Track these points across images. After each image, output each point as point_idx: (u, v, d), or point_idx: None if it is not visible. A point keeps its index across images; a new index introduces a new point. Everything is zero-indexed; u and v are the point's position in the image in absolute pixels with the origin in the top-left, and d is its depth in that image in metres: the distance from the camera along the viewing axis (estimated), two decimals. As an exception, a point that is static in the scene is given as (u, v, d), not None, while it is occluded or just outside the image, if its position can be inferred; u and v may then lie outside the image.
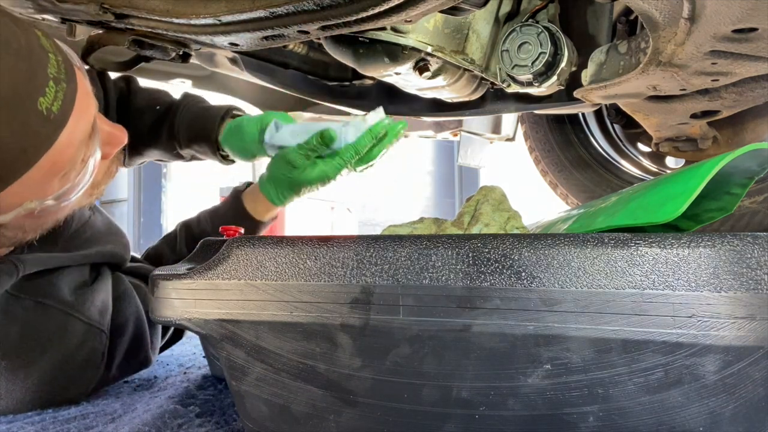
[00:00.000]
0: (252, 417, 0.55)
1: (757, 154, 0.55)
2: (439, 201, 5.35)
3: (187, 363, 1.01)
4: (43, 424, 0.68)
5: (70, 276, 0.79)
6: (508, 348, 0.47)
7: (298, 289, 0.52)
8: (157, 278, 0.57)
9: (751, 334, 0.42)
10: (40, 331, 0.73)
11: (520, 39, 0.91)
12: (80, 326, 0.76)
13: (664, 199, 0.53)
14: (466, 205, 0.72)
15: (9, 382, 0.72)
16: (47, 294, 0.75)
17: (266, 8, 0.72)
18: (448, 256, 0.48)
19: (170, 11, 0.78)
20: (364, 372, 0.51)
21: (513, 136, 1.70)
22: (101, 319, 0.79)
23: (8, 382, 0.71)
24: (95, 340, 0.77)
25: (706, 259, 0.43)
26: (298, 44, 1.14)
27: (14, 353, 0.71)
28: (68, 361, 0.75)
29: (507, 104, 1.20)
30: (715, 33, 0.67)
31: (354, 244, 0.51)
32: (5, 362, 0.71)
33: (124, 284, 0.86)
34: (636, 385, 0.45)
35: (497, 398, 0.48)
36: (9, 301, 0.72)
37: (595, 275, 0.45)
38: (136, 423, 0.65)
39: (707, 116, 1.03)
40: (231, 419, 0.68)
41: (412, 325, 0.49)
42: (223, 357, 0.55)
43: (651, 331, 0.43)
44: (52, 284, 0.76)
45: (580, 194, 1.58)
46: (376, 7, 0.68)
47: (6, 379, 0.71)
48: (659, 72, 0.79)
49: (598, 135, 1.56)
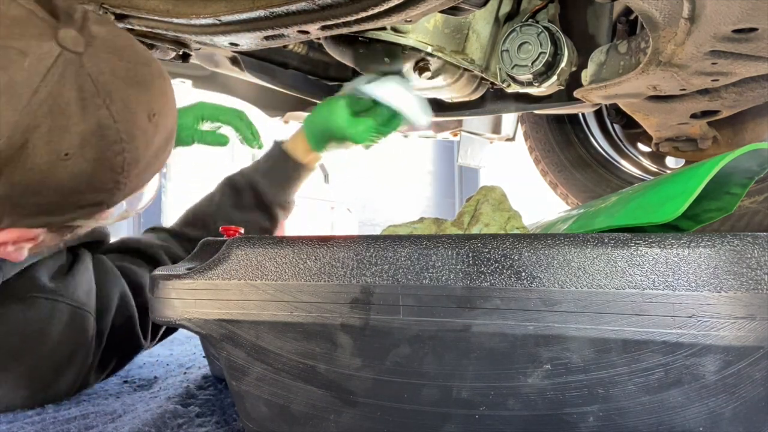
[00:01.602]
0: (252, 417, 0.55)
1: (757, 154, 0.55)
2: (439, 201, 5.35)
3: (187, 363, 1.00)
4: (43, 424, 0.68)
5: (47, 265, 0.78)
6: (508, 348, 0.47)
7: (298, 289, 0.52)
8: (157, 278, 0.57)
9: (751, 334, 0.42)
10: (28, 322, 0.74)
11: (520, 39, 0.91)
12: (66, 309, 0.76)
13: (664, 199, 0.53)
14: (466, 205, 0.72)
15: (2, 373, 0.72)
16: (30, 288, 0.75)
17: (266, 8, 0.72)
18: (448, 256, 0.48)
19: (170, 11, 0.78)
20: (364, 372, 0.51)
21: (513, 136, 1.70)
22: (87, 300, 0.79)
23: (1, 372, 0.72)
24: (84, 322, 0.77)
25: (706, 259, 0.43)
26: (298, 44, 1.14)
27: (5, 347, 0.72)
28: (59, 347, 0.75)
29: (507, 104, 1.20)
30: (715, 33, 0.67)
31: (354, 244, 0.51)
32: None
33: (105, 264, 0.85)
34: (636, 385, 0.45)
35: (497, 398, 0.48)
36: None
37: (595, 275, 0.45)
38: (136, 423, 0.65)
39: (707, 116, 1.03)
40: (231, 419, 0.68)
41: (412, 325, 0.49)
42: (223, 357, 0.55)
43: (651, 331, 0.43)
44: (32, 277, 0.76)
45: (580, 194, 1.57)
46: (376, 7, 0.68)
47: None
48: (659, 72, 0.79)
49: (598, 135, 1.56)
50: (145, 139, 0.64)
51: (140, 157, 0.64)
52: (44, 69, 0.56)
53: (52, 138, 0.57)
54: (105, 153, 0.61)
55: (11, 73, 0.55)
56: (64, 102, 0.57)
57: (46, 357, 0.75)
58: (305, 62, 1.18)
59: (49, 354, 0.75)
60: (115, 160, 0.62)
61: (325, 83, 1.22)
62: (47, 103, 0.56)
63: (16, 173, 0.57)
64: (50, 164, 0.58)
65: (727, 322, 0.42)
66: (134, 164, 0.64)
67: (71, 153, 0.58)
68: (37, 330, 0.74)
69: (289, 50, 1.14)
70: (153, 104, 0.64)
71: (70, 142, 0.58)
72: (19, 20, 0.57)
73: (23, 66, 0.56)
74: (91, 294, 0.80)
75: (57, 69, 0.57)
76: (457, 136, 1.71)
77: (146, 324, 0.87)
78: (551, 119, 1.61)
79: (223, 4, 0.75)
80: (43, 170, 0.58)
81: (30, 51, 0.56)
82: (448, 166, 5.31)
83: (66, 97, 0.57)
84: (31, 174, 0.58)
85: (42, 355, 0.74)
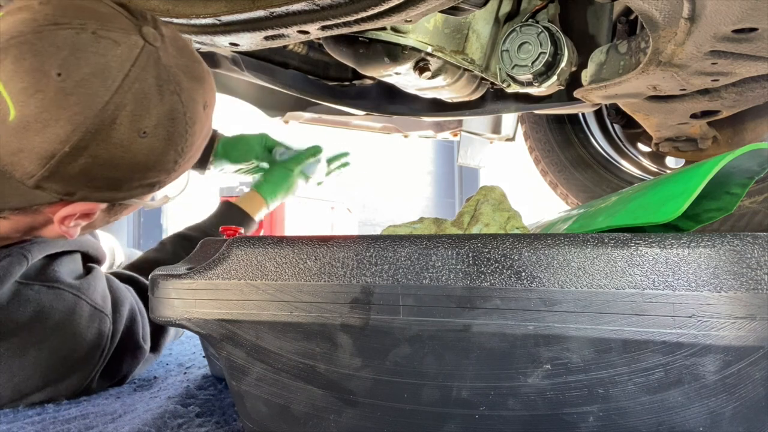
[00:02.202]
0: (252, 417, 0.55)
1: (757, 154, 0.55)
2: (439, 201, 5.35)
3: (187, 363, 1.00)
4: (43, 424, 0.68)
5: (66, 264, 0.81)
6: (508, 348, 0.47)
7: (298, 289, 0.52)
8: (157, 278, 0.57)
9: (751, 334, 0.42)
10: (52, 311, 0.76)
11: (520, 39, 0.91)
12: (87, 309, 0.78)
13: (665, 199, 0.53)
14: (466, 205, 0.72)
15: (21, 359, 0.73)
16: (56, 278, 0.78)
17: (266, 8, 0.72)
18: (448, 256, 0.48)
19: (170, 11, 0.78)
20: (364, 372, 0.51)
21: (513, 136, 1.70)
22: (104, 304, 0.81)
23: (20, 359, 0.73)
24: (101, 324, 0.80)
25: (706, 259, 0.43)
26: (298, 44, 1.14)
27: (26, 332, 0.74)
28: (76, 341, 0.77)
29: (507, 104, 1.20)
30: (715, 33, 0.67)
31: (354, 244, 0.51)
32: (18, 340, 0.73)
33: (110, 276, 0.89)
34: (636, 385, 0.45)
35: (497, 398, 0.48)
36: (19, 287, 0.75)
37: (595, 275, 0.45)
38: (137, 423, 0.65)
39: (707, 116, 1.03)
40: (231, 419, 0.68)
41: (412, 325, 0.49)
42: (223, 357, 0.55)
43: (651, 331, 0.43)
44: (56, 270, 0.79)
45: (580, 194, 1.58)
46: (376, 7, 0.68)
47: (18, 357, 0.73)
48: (659, 72, 0.79)
49: (598, 135, 1.56)
50: (200, 126, 0.73)
51: (195, 141, 0.73)
52: (134, 57, 0.65)
53: (135, 117, 0.65)
54: (174, 134, 0.69)
55: (107, 59, 0.64)
56: (147, 86, 0.66)
57: (63, 349, 0.76)
58: (305, 62, 1.18)
59: (66, 347, 0.76)
60: (180, 141, 0.70)
61: (325, 83, 1.22)
62: (134, 86, 0.65)
63: (101, 146, 0.65)
64: (130, 140, 0.66)
65: (727, 322, 0.42)
66: (190, 148, 0.73)
67: (148, 132, 0.67)
68: (59, 321, 0.76)
69: (289, 50, 1.14)
70: (207, 96, 0.74)
71: (149, 122, 0.66)
72: (110, 16, 0.66)
73: (117, 53, 0.64)
74: (106, 299, 0.82)
75: (143, 58, 0.66)
76: (457, 136, 1.71)
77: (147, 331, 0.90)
78: (551, 119, 1.61)
79: (223, 4, 0.75)
80: (124, 145, 0.66)
81: (121, 41, 0.65)
82: (448, 166, 5.31)
83: (148, 83, 0.66)
84: (113, 148, 0.66)
85: (59, 347, 0.76)
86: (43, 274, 0.78)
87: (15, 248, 0.75)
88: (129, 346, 0.86)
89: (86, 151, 0.64)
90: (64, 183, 0.67)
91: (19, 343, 0.73)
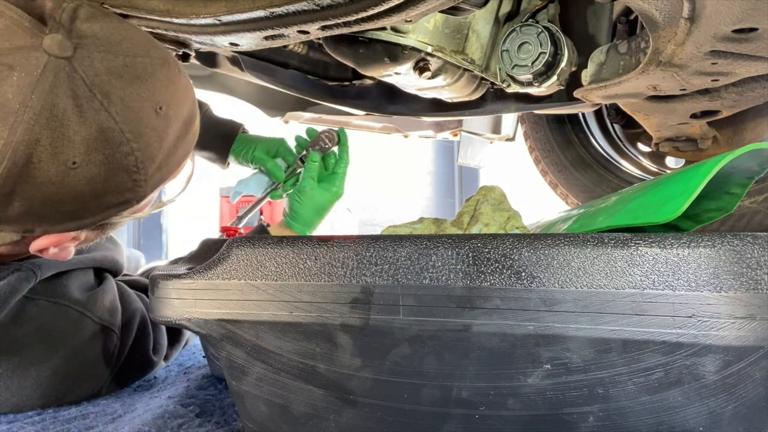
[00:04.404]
0: (252, 417, 0.55)
1: (757, 154, 0.55)
2: (439, 201, 5.35)
3: (187, 363, 1.00)
4: (43, 425, 0.68)
5: (78, 279, 0.80)
6: (508, 348, 0.47)
7: (298, 289, 0.52)
8: (157, 278, 0.57)
9: (751, 334, 0.42)
10: (54, 329, 0.74)
11: (520, 39, 0.91)
12: (92, 325, 0.77)
13: (664, 199, 0.53)
14: (465, 205, 0.72)
15: (21, 379, 0.72)
16: (62, 295, 0.76)
17: (266, 8, 0.72)
18: (448, 256, 0.48)
19: (170, 11, 0.78)
20: (364, 372, 0.51)
21: (513, 136, 1.70)
22: (112, 319, 0.80)
23: (20, 378, 0.72)
24: (107, 339, 0.78)
25: (706, 259, 0.43)
26: (298, 44, 1.14)
27: (28, 350, 0.72)
28: (79, 359, 0.76)
29: (507, 104, 1.20)
30: (715, 33, 0.66)
31: (354, 244, 0.51)
32: (18, 359, 0.72)
33: (123, 287, 0.87)
34: (636, 385, 0.45)
35: (497, 398, 0.48)
36: (24, 303, 0.73)
37: (595, 275, 0.45)
38: (136, 423, 0.65)
39: (707, 116, 1.03)
40: (231, 419, 0.68)
41: (412, 325, 0.49)
42: (223, 357, 0.55)
43: (651, 331, 0.43)
44: (65, 285, 0.77)
45: (580, 194, 1.58)
46: (376, 7, 0.68)
47: (18, 376, 0.72)
48: (659, 72, 0.78)
49: (598, 135, 1.56)
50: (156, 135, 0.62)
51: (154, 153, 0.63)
52: (34, 81, 0.54)
53: (55, 149, 0.56)
54: (113, 155, 0.59)
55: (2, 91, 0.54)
56: (60, 111, 0.56)
57: (66, 369, 0.75)
58: (305, 62, 1.18)
59: (69, 366, 0.75)
60: (126, 161, 0.60)
61: (325, 83, 1.22)
62: (43, 115, 0.55)
63: (29, 189, 0.57)
64: (61, 174, 0.57)
65: (727, 322, 0.42)
66: (149, 161, 0.62)
67: (78, 161, 0.57)
68: (62, 339, 0.74)
69: (289, 50, 1.14)
70: (158, 97, 0.62)
71: (76, 150, 0.57)
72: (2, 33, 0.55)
73: (12, 81, 0.54)
74: (115, 312, 0.81)
75: (47, 78, 0.55)
76: (457, 136, 1.71)
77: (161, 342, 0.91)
78: (551, 119, 1.61)
79: (223, 4, 0.75)
80: (55, 182, 0.57)
81: (16, 64, 0.54)
82: (448, 166, 5.31)
83: (61, 106, 0.56)
84: (45, 187, 0.57)
85: (62, 366, 0.74)
86: (51, 290, 0.75)
87: (26, 263, 0.73)
88: (137, 360, 0.85)
89: (15, 194, 0.57)
90: (13, 224, 0.61)
91: (19, 362, 0.72)
